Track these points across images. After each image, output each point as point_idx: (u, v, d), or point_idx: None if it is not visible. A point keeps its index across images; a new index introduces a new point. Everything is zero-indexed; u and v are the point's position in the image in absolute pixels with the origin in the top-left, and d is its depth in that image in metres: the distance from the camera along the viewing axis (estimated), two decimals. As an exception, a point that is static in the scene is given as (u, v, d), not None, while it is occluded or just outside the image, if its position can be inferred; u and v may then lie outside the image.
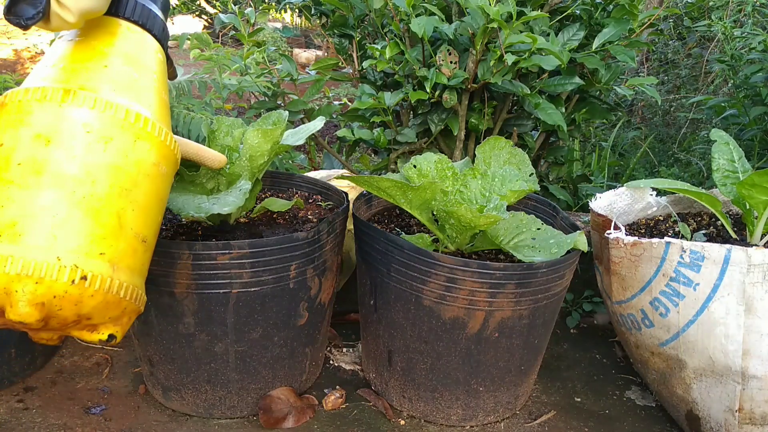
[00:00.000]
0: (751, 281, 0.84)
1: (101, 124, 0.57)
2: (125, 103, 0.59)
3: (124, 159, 0.59)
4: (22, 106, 0.57)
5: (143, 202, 0.61)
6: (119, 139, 0.58)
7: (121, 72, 0.61)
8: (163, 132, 0.62)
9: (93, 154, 0.57)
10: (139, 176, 0.60)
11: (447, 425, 1.00)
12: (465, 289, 0.88)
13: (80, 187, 0.56)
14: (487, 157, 1.07)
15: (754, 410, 0.89)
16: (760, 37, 1.59)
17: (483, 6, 1.06)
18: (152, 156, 0.62)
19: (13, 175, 0.54)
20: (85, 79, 0.59)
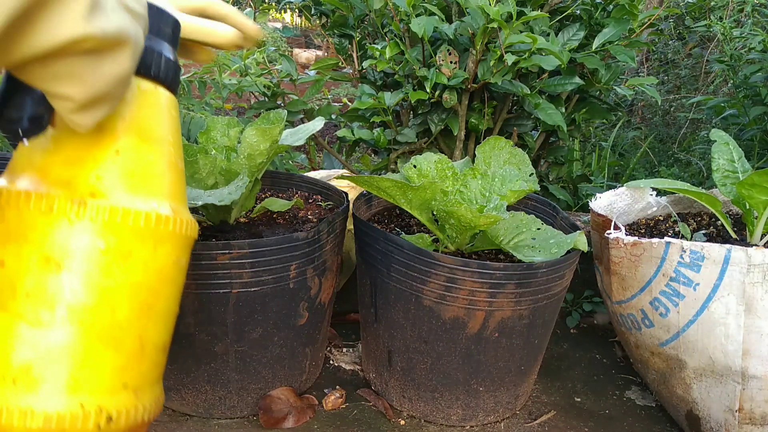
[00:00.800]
0: (751, 281, 0.84)
1: (118, 239, 0.48)
2: (144, 207, 0.49)
3: (145, 272, 0.50)
4: (23, 217, 0.47)
5: (163, 309, 0.53)
6: (139, 251, 0.49)
7: (136, 156, 0.50)
8: (182, 222, 0.53)
9: (111, 276, 0.48)
10: (160, 285, 0.52)
11: (447, 425, 1.00)
12: (465, 289, 0.88)
13: (99, 317, 0.48)
14: (487, 157, 1.07)
15: (754, 410, 0.89)
16: (760, 37, 1.60)
17: (483, 6, 1.06)
18: (173, 256, 0.53)
19: (22, 308, 0.46)
20: (96, 179, 0.47)
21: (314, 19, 1.53)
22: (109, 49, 0.32)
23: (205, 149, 1.01)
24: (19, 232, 0.47)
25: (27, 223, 0.47)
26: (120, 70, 0.34)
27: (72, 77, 0.32)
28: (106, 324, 0.48)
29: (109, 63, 0.33)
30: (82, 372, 0.47)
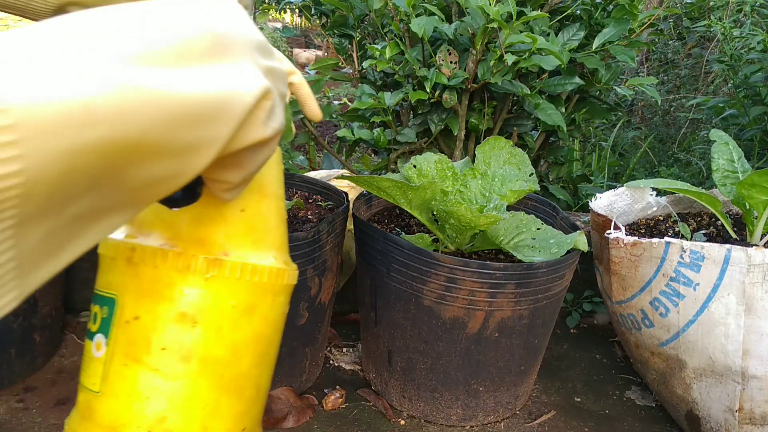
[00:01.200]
0: (751, 281, 0.84)
1: (246, 294, 0.50)
2: (267, 262, 0.51)
3: (264, 324, 0.52)
4: (159, 275, 0.48)
5: (273, 357, 0.56)
6: (261, 305, 0.51)
7: (257, 213, 0.52)
8: (292, 274, 0.55)
9: (238, 330, 0.50)
10: (274, 335, 0.55)
11: (447, 425, 1.00)
12: (465, 289, 0.87)
13: (227, 369, 0.50)
14: (487, 157, 1.07)
15: (754, 410, 0.89)
16: (759, 37, 1.60)
17: (483, 6, 1.06)
18: (284, 306, 0.55)
19: (157, 361, 0.47)
20: (226, 236, 0.49)
21: (314, 19, 1.53)
22: (270, 140, 0.35)
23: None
24: (155, 289, 0.48)
25: (163, 281, 0.48)
26: (270, 153, 0.37)
27: (235, 166, 0.36)
28: (233, 374, 0.50)
29: (265, 151, 0.36)
30: (211, 420, 0.49)
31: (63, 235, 0.26)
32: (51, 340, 1.12)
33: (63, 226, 0.26)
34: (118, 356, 0.48)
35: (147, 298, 0.48)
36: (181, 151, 0.28)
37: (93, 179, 0.25)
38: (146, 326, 0.48)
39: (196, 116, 0.28)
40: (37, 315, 1.06)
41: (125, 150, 0.25)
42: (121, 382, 0.48)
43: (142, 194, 0.29)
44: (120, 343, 0.48)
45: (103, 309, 0.50)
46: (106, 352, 0.49)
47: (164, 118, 0.26)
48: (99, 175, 0.25)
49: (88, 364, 0.50)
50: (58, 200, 0.24)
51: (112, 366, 0.48)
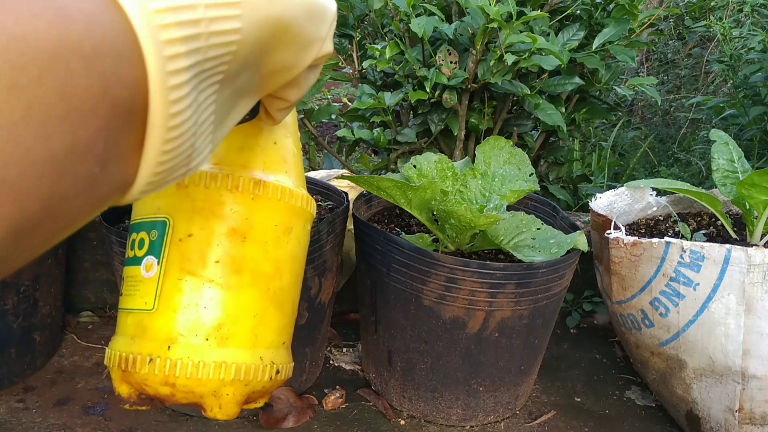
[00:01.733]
0: (751, 281, 0.84)
1: (286, 215, 0.55)
2: (298, 190, 0.56)
3: (299, 246, 0.57)
4: (210, 194, 0.52)
5: (301, 282, 0.60)
6: (296, 227, 0.56)
7: (287, 147, 0.57)
8: (314, 203, 0.60)
9: (280, 247, 0.54)
10: (304, 259, 0.59)
11: (447, 425, 1.00)
12: (465, 289, 0.87)
13: (272, 282, 0.54)
14: (487, 157, 1.07)
15: (754, 410, 0.89)
16: (759, 37, 1.60)
17: (483, 6, 1.06)
18: (309, 233, 0.60)
19: (212, 273, 0.51)
20: (263, 163, 0.54)
21: (314, 19, 1.52)
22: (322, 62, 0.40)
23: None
24: (207, 207, 0.52)
25: (214, 199, 0.52)
26: (317, 77, 0.42)
27: (298, 84, 0.40)
28: (277, 289, 0.54)
29: (315, 74, 0.41)
30: (261, 328, 0.53)
31: (229, 103, 0.31)
32: (51, 340, 1.12)
33: (231, 95, 0.31)
34: (173, 272, 0.51)
35: (199, 217, 0.52)
36: (303, 43, 0.34)
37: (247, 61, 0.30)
38: (200, 242, 0.51)
39: (315, 12, 0.34)
40: (37, 315, 1.06)
41: (281, 29, 0.31)
42: (178, 295, 0.50)
43: (266, 81, 0.34)
44: (174, 261, 0.51)
45: (151, 233, 0.53)
46: (159, 270, 0.51)
47: (304, 7, 0.33)
48: (255, 51, 0.30)
49: (136, 287, 0.52)
50: (245, 65, 0.30)
51: (167, 282, 0.51)
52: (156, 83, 0.23)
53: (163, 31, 0.23)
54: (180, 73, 0.24)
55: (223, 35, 0.26)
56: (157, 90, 0.23)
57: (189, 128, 0.26)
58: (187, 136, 0.26)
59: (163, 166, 0.26)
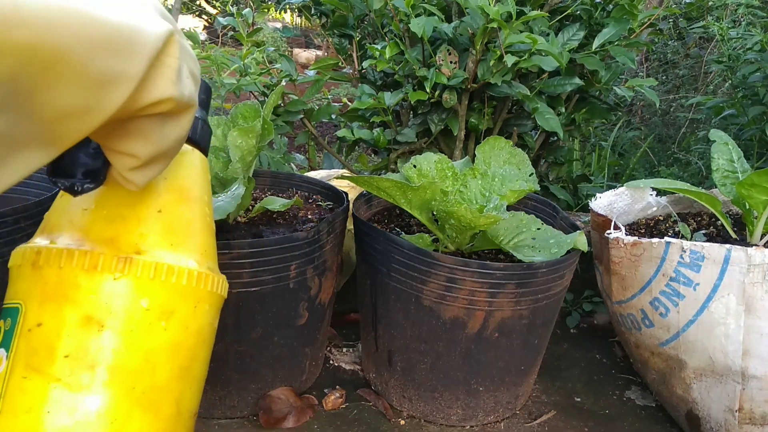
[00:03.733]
0: (751, 281, 0.84)
1: (162, 296, 0.46)
2: (186, 264, 0.48)
3: (185, 333, 0.48)
4: (64, 276, 0.45)
5: (198, 373, 0.51)
6: (180, 310, 0.48)
7: (176, 215, 0.49)
8: (219, 282, 0.51)
9: (153, 336, 0.46)
10: (197, 347, 0.50)
11: (447, 425, 1.00)
12: (465, 289, 0.88)
13: (140, 380, 0.45)
14: (487, 157, 1.07)
15: (754, 410, 0.89)
16: (757, 37, 1.60)
17: (483, 6, 1.06)
18: (209, 316, 0.51)
19: (60, 371, 0.43)
20: (139, 236, 0.47)
21: (314, 19, 1.53)
22: (178, 112, 0.34)
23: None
24: (60, 291, 0.45)
25: (68, 282, 0.45)
26: (182, 131, 0.36)
27: (141, 136, 0.34)
28: (146, 387, 0.46)
29: (174, 125, 0.35)
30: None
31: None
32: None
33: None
34: (18, 368, 0.44)
35: (51, 303, 0.45)
36: (94, 81, 0.27)
37: (5, 98, 0.24)
38: (49, 332, 0.44)
39: (111, 42, 0.27)
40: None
41: (42, 61, 0.24)
42: (21, 397, 0.43)
43: (54, 128, 0.28)
44: (21, 354, 0.44)
45: (6, 321, 0.46)
46: (6, 366, 0.44)
47: (84, 35, 0.26)
48: (10, 90, 0.24)
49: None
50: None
51: (11, 380, 0.43)
52: None
53: None
54: None
55: None
56: None
57: None
58: None
59: None
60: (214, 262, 0.53)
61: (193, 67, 0.37)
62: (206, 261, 0.51)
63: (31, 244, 0.47)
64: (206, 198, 0.53)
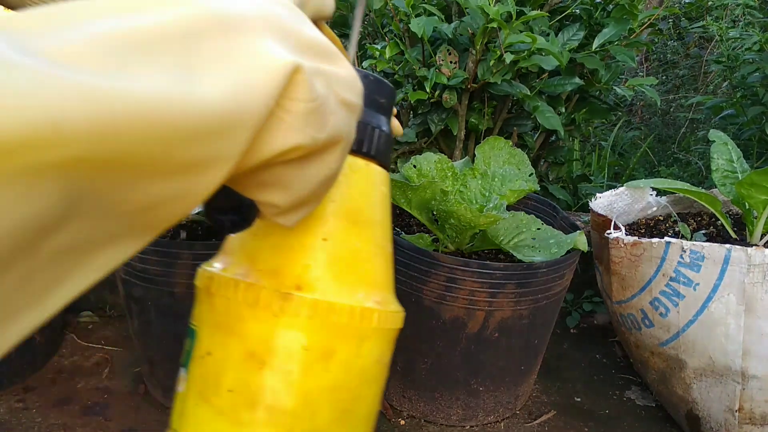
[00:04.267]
0: (751, 281, 0.84)
1: (322, 336, 0.45)
2: (349, 300, 0.46)
3: (347, 374, 0.46)
4: (231, 307, 0.44)
5: (364, 413, 0.49)
6: (342, 350, 0.45)
7: (344, 243, 0.46)
8: (388, 316, 0.49)
9: (312, 377, 0.44)
10: (361, 387, 0.47)
11: (447, 425, 1.00)
12: (465, 289, 0.88)
13: (298, 423, 0.44)
14: (487, 157, 1.07)
15: (754, 410, 0.89)
16: (756, 37, 1.60)
17: (483, 6, 1.06)
18: (376, 353, 0.48)
19: (223, 403, 0.44)
20: (303, 268, 0.45)
21: (314, 19, 1.52)
22: (318, 153, 0.29)
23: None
24: (227, 323, 0.44)
25: (233, 314, 0.44)
26: (328, 171, 0.31)
27: (277, 186, 0.30)
28: (305, 429, 0.44)
29: (317, 166, 0.30)
30: None
31: (45, 277, 0.21)
32: (51, 340, 1.12)
33: (42, 267, 0.21)
34: (193, 394, 0.45)
35: (220, 333, 0.44)
36: (179, 171, 0.23)
37: (69, 206, 0.20)
38: (216, 363, 0.44)
39: (195, 132, 0.22)
40: (37, 315, 1.05)
41: (106, 172, 0.20)
42: (194, 422, 0.44)
43: (142, 220, 0.24)
44: (195, 380, 0.45)
45: (188, 342, 0.47)
46: (185, 387, 0.46)
47: (154, 135, 0.21)
48: (77, 201, 0.20)
49: (175, 400, 0.46)
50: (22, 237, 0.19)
51: (187, 404, 0.45)
52: None
53: None
54: None
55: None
56: None
57: None
58: None
59: None
60: (386, 290, 0.50)
61: (346, 92, 0.30)
62: (374, 293, 0.48)
63: (208, 267, 0.47)
64: (380, 218, 0.50)
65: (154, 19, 0.22)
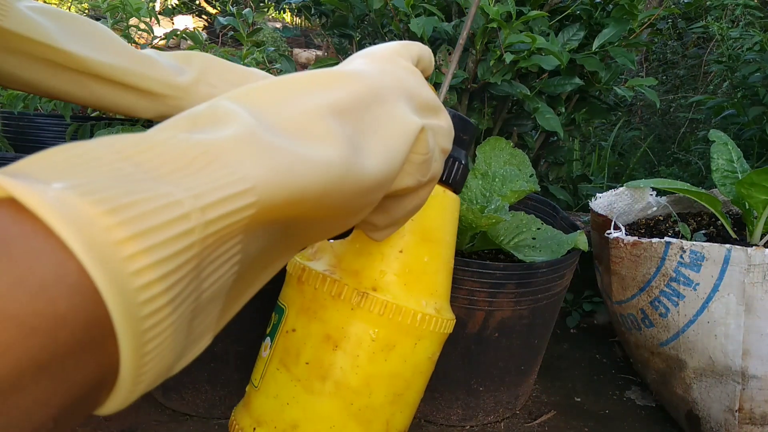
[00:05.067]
0: (751, 281, 0.84)
1: (387, 331, 0.53)
2: (413, 305, 0.54)
3: (403, 365, 0.55)
4: (317, 296, 0.53)
5: (411, 399, 0.58)
6: (401, 345, 0.54)
7: (415, 256, 0.54)
8: (443, 322, 0.56)
9: (374, 364, 0.53)
10: (413, 377, 0.57)
11: (447, 425, 1.00)
12: (465, 289, 0.88)
13: (358, 398, 0.53)
14: (488, 158, 1.07)
15: (754, 410, 0.89)
16: (757, 37, 1.60)
17: (483, 6, 1.06)
18: (429, 351, 0.57)
19: (301, 373, 0.52)
20: (380, 273, 0.53)
21: (314, 19, 1.53)
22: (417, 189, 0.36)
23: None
24: (312, 308, 0.53)
25: (319, 302, 0.53)
26: (419, 202, 0.37)
27: (379, 210, 0.36)
28: (362, 404, 0.53)
29: (413, 198, 0.37)
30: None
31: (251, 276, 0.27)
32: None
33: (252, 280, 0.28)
34: (275, 360, 0.53)
35: (304, 315, 0.53)
36: (349, 216, 0.30)
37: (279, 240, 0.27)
38: (299, 339, 0.53)
39: (363, 191, 0.28)
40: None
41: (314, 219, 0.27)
42: (273, 383, 0.53)
43: (308, 242, 0.31)
44: (278, 349, 0.53)
45: (275, 316, 0.56)
46: (269, 354, 0.54)
47: (354, 195, 0.27)
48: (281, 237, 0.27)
49: (257, 362, 0.56)
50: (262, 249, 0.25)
51: (269, 368, 0.54)
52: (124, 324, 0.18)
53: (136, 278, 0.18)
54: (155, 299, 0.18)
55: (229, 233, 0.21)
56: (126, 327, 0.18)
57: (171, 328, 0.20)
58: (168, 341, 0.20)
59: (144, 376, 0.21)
60: (444, 300, 0.58)
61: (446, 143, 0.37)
62: (434, 301, 0.56)
63: (300, 259, 0.56)
64: (448, 239, 0.58)
65: (340, 95, 0.28)
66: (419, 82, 0.35)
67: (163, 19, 4.17)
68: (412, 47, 0.37)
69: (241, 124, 0.23)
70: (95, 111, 1.49)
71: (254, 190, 0.22)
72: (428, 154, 0.34)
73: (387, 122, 0.30)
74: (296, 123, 0.26)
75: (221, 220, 0.20)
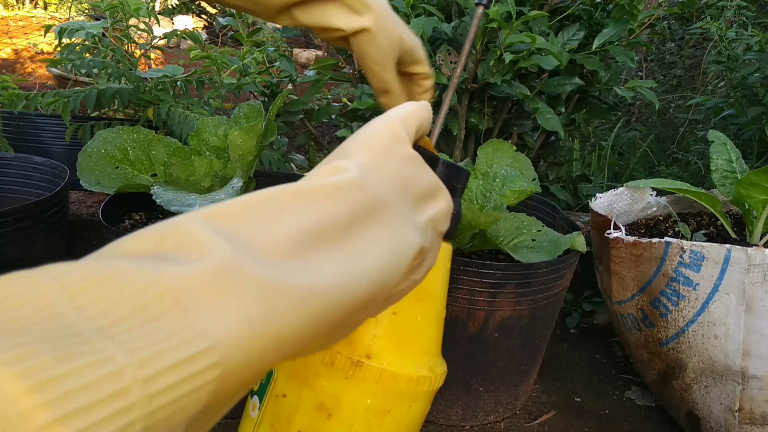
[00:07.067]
0: (751, 281, 0.84)
1: (382, 398, 0.53)
2: (408, 369, 0.53)
3: (397, 427, 0.54)
4: (309, 364, 0.52)
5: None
6: (396, 409, 0.53)
7: (409, 316, 0.54)
8: (435, 379, 0.56)
9: (368, 430, 0.53)
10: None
11: (447, 425, 1.00)
12: (465, 289, 0.88)
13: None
14: (490, 159, 1.07)
15: (754, 410, 0.89)
16: (756, 37, 1.60)
17: (483, 6, 1.06)
18: (421, 410, 0.57)
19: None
20: (373, 338, 0.52)
21: (314, 19, 1.52)
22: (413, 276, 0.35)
23: (198, 151, 1.01)
24: (302, 374, 0.52)
25: (310, 369, 0.52)
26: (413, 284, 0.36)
27: None
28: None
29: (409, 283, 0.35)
30: None
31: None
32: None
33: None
34: (265, 425, 0.53)
35: (295, 381, 0.52)
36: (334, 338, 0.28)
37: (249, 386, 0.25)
38: (290, 405, 0.52)
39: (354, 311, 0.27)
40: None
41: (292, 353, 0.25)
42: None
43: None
44: (268, 413, 0.53)
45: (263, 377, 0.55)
46: (258, 416, 0.54)
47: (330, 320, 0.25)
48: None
49: (244, 419, 0.56)
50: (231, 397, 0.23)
51: (258, 430, 0.53)
52: None
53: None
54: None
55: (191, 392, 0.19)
56: None
57: None
58: None
59: None
60: (436, 356, 0.57)
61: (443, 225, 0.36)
62: (428, 359, 0.56)
63: None
64: (440, 291, 0.57)
65: (334, 212, 0.26)
66: (417, 169, 0.33)
67: (163, 19, 4.17)
68: (409, 120, 0.34)
69: (215, 255, 0.20)
70: (95, 111, 1.49)
71: (215, 350, 0.19)
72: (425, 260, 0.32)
73: (385, 239, 0.28)
74: (281, 246, 0.23)
75: (170, 392, 0.18)
